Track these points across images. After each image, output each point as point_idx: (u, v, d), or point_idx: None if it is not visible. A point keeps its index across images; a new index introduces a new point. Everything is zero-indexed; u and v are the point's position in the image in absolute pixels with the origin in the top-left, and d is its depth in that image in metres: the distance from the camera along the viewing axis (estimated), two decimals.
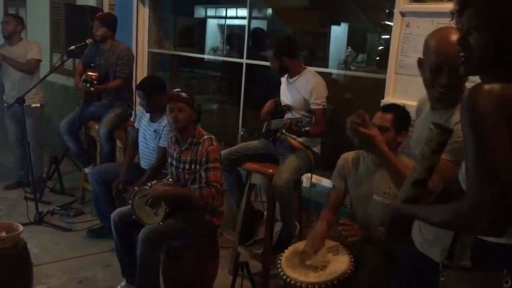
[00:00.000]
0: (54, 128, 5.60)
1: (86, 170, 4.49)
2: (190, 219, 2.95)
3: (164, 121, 3.49)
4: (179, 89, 3.04)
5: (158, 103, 3.52)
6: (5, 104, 4.71)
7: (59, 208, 4.45)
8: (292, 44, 3.36)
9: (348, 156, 2.66)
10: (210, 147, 2.90)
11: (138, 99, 3.92)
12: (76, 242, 3.92)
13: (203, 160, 2.90)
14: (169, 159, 3.12)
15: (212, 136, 2.98)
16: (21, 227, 2.93)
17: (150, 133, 3.60)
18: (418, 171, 1.50)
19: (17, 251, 2.84)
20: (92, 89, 4.16)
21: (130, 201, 2.95)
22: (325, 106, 3.18)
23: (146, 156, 3.67)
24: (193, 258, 3.03)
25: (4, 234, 2.84)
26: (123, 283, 3.14)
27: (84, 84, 4.14)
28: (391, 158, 1.70)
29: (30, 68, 4.68)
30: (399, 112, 2.44)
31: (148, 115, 3.64)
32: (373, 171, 2.52)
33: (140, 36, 5.38)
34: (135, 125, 3.81)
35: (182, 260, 3.03)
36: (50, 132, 5.85)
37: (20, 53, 4.73)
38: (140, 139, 3.70)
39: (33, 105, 4.74)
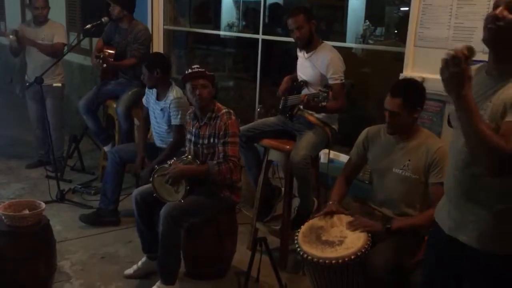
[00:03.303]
0: (73, 107, 5.66)
1: (105, 148, 4.55)
2: (210, 196, 2.98)
3: (169, 99, 3.52)
4: (196, 66, 3.03)
5: (159, 79, 3.57)
6: (27, 84, 4.77)
7: (80, 186, 4.52)
8: None
9: (369, 130, 2.66)
10: (229, 121, 2.92)
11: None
12: None
13: (221, 133, 2.92)
14: (188, 136, 3.14)
15: (231, 111, 3.00)
16: (43, 205, 2.99)
17: (158, 112, 3.64)
18: None
19: (40, 228, 2.90)
20: (105, 65, 4.17)
21: (151, 180, 2.99)
22: (343, 81, 3.14)
23: (159, 135, 3.71)
24: (212, 234, 3.07)
25: (27, 211, 2.91)
26: (144, 259, 3.19)
27: (98, 60, 4.16)
28: (472, 105, 1.50)
29: (56, 52, 4.71)
30: (408, 95, 2.40)
31: (155, 93, 3.66)
32: (393, 145, 2.52)
33: (155, 13, 5.34)
34: (143, 102, 3.83)
35: (201, 236, 3.07)
36: (69, 112, 5.91)
37: (47, 34, 4.76)
38: (151, 117, 3.74)
39: (54, 84, 4.81)
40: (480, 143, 1.51)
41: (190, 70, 3.00)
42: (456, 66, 1.48)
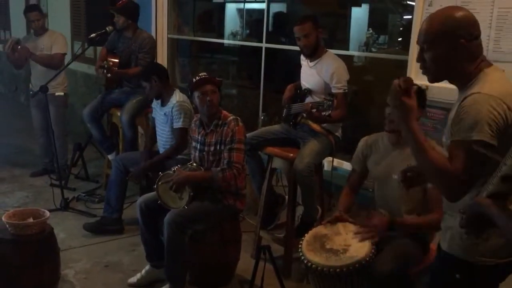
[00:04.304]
0: (78, 116, 5.68)
1: (109, 156, 4.55)
2: (214, 202, 2.99)
3: (172, 103, 3.53)
4: (204, 73, 3.03)
5: (159, 86, 3.59)
6: (31, 93, 4.80)
7: (84, 194, 4.53)
8: None
9: (367, 139, 2.67)
10: (236, 127, 2.93)
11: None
12: None
13: (227, 139, 2.93)
14: (193, 143, 3.14)
15: (238, 118, 3.01)
16: (47, 213, 3.00)
17: (162, 118, 3.65)
18: (510, 166, 1.35)
19: (44, 237, 2.91)
20: (109, 75, 4.19)
21: (155, 187, 2.99)
22: (346, 90, 3.15)
23: (162, 141, 3.72)
24: (216, 242, 3.07)
25: (31, 220, 2.92)
26: (147, 267, 3.18)
27: (102, 70, 4.18)
28: (417, 135, 1.57)
29: (55, 63, 4.72)
30: None
31: (159, 101, 3.68)
32: (391, 151, 2.53)
33: (159, 22, 5.37)
34: (152, 115, 3.85)
35: (205, 244, 3.07)
36: (73, 120, 5.93)
37: (46, 44, 4.78)
38: (157, 126, 3.75)
39: (57, 93, 4.81)
40: (430, 170, 1.56)
41: (197, 77, 2.99)
42: (395, 99, 1.57)
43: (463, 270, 1.67)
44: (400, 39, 4.05)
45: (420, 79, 3.03)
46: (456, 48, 1.59)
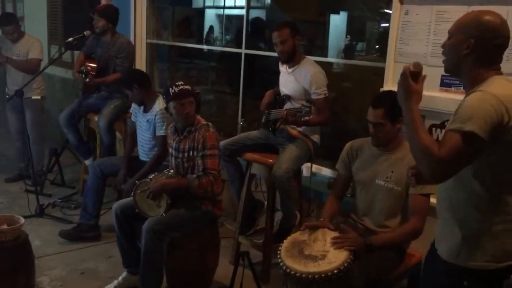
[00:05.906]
0: (54, 120, 5.60)
1: (86, 162, 4.50)
2: (192, 209, 2.97)
3: (155, 110, 3.52)
4: (180, 82, 2.98)
5: (140, 94, 3.57)
6: (6, 97, 4.72)
7: (60, 201, 4.46)
8: None
9: (353, 143, 2.69)
10: (207, 133, 2.93)
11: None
12: None
13: (199, 146, 2.92)
14: (170, 150, 3.13)
15: (209, 123, 3.01)
16: (22, 220, 2.95)
17: (144, 124, 3.63)
18: None
19: (19, 244, 2.86)
20: (87, 80, 4.15)
21: (132, 195, 2.96)
22: (327, 94, 3.18)
23: (143, 147, 3.69)
24: (194, 248, 3.05)
25: (5, 226, 2.86)
26: (124, 274, 3.15)
27: (81, 75, 4.14)
28: (416, 116, 1.66)
29: (32, 68, 4.66)
30: (389, 105, 2.42)
31: (142, 107, 3.66)
32: (377, 156, 2.55)
33: (138, 27, 5.34)
34: (132, 118, 3.82)
35: (184, 250, 3.05)
36: (50, 125, 5.83)
37: (22, 50, 4.72)
38: (138, 131, 3.73)
39: (33, 97, 4.75)
40: (416, 148, 1.64)
41: (176, 89, 2.92)
42: (404, 80, 1.69)
43: (469, 277, 1.71)
44: (377, 46, 4.11)
45: (396, 87, 3.08)
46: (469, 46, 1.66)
